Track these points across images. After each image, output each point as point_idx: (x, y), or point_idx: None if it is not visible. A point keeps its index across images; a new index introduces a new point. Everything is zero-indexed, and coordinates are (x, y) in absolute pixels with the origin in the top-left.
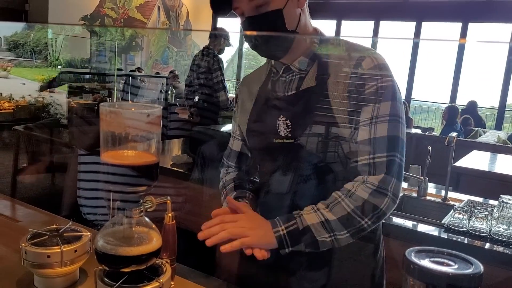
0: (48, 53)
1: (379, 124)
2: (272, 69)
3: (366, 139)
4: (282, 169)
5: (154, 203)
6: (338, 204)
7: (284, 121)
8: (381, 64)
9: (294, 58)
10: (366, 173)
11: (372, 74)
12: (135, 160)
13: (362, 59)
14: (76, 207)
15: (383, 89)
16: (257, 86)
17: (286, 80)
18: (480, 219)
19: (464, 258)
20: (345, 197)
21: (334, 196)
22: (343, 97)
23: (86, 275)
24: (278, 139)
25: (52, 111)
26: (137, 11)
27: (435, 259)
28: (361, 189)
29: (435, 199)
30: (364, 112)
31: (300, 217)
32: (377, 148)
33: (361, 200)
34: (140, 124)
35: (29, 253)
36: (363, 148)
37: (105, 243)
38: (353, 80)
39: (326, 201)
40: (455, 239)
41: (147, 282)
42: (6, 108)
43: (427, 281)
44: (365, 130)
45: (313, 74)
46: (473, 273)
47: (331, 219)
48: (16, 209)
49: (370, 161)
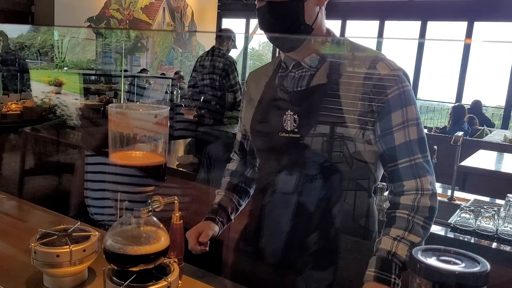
0: (54, 54)
1: (411, 128)
2: (282, 64)
3: (402, 142)
4: (285, 164)
5: (161, 203)
6: (413, 227)
7: (291, 115)
8: (398, 69)
9: (305, 54)
10: (410, 176)
11: (391, 80)
12: (142, 161)
13: (376, 62)
14: (84, 208)
15: (405, 94)
16: (264, 80)
17: (295, 76)
18: (486, 218)
19: (471, 256)
20: (414, 214)
21: (403, 217)
22: (355, 98)
23: (95, 275)
24: (283, 133)
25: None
26: (142, 12)
27: (442, 258)
28: (423, 200)
29: (442, 199)
30: (395, 116)
31: (394, 259)
32: (414, 150)
33: (426, 209)
34: (148, 125)
35: (39, 252)
36: (401, 151)
37: (113, 242)
38: (369, 83)
39: (397, 225)
40: (462, 239)
41: (155, 281)
42: (13, 109)
43: (434, 279)
44: (400, 134)
45: (324, 72)
46: (480, 272)
47: (416, 242)
48: (24, 210)
49: (412, 162)
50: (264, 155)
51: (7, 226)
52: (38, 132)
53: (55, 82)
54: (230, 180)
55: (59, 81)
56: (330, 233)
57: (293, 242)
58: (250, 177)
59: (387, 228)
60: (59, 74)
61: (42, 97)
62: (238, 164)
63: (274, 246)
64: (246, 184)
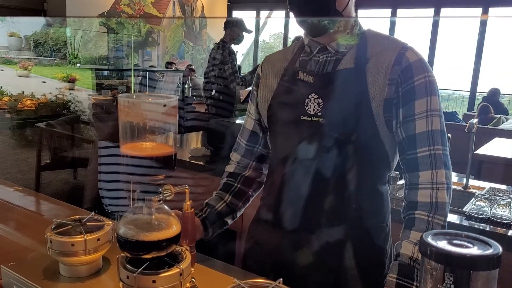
0: (67, 51)
1: (434, 118)
2: (305, 48)
3: (424, 131)
4: (305, 148)
5: (172, 192)
6: (434, 227)
7: (315, 99)
8: (424, 59)
9: (332, 39)
10: (428, 166)
11: (418, 67)
12: (152, 151)
13: (405, 50)
14: (98, 200)
15: (431, 84)
16: (283, 64)
17: (319, 60)
18: (502, 206)
19: (482, 240)
20: (434, 214)
21: (422, 218)
22: (383, 83)
23: (109, 263)
24: (305, 116)
25: (73, 108)
26: (152, 6)
27: (453, 242)
28: (440, 195)
29: (456, 187)
30: (419, 104)
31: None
32: (435, 140)
33: (444, 205)
34: (157, 115)
35: (54, 242)
36: (421, 139)
37: (126, 230)
38: (396, 69)
39: (416, 227)
40: (477, 227)
41: (168, 268)
42: (28, 105)
43: (445, 263)
44: (422, 122)
45: (351, 57)
46: (492, 254)
47: None
48: (40, 204)
49: (431, 152)
50: (282, 140)
51: (24, 219)
52: (53, 128)
53: (68, 78)
54: (226, 181)
55: (72, 77)
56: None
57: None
58: (250, 177)
59: (406, 231)
60: (72, 70)
61: (56, 93)
62: (236, 167)
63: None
64: (245, 185)
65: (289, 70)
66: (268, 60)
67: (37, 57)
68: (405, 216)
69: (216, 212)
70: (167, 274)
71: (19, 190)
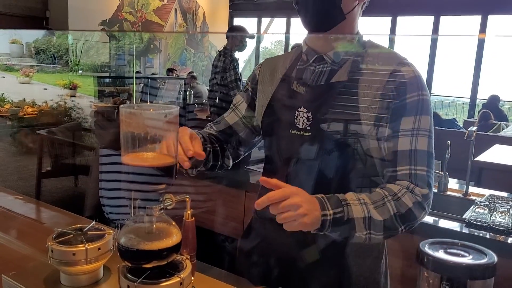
0: (69, 58)
1: (421, 137)
2: (302, 56)
3: (407, 149)
4: (294, 162)
5: (173, 201)
6: (384, 205)
7: (304, 112)
8: (421, 77)
9: (329, 48)
10: (407, 180)
11: (413, 84)
12: (153, 162)
13: (401, 65)
14: (99, 208)
15: (424, 102)
16: (280, 71)
17: (315, 70)
18: (501, 213)
19: (478, 249)
20: (391, 200)
21: (380, 193)
22: (375, 99)
23: (110, 273)
24: (295, 130)
25: (74, 115)
26: (154, 14)
27: (449, 251)
28: (408, 197)
29: (456, 194)
30: (405, 121)
31: (347, 207)
32: (419, 160)
33: (406, 207)
34: (158, 126)
35: (55, 251)
36: (403, 157)
37: (127, 239)
38: (390, 85)
39: (371, 195)
40: (477, 234)
41: (168, 278)
42: (30, 113)
43: (442, 272)
44: (406, 140)
45: (346, 69)
46: (488, 263)
47: (376, 219)
48: (41, 212)
49: (412, 171)
50: (274, 152)
51: (25, 227)
52: (54, 135)
53: (70, 85)
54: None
55: (73, 84)
56: None
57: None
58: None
59: (360, 193)
60: (74, 77)
61: (58, 100)
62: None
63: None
64: (221, 152)
65: (286, 79)
66: (268, 65)
67: (39, 64)
68: None
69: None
70: (168, 284)
71: (20, 198)
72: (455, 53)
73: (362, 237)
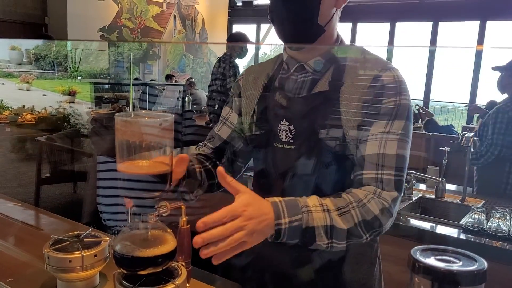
0: (68, 64)
1: (390, 141)
2: (283, 65)
3: (374, 153)
4: (280, 176)
5: (168, 208)
6: (349, 212)
7: (287, 125)
8: (402, 81)
9: (310, 56)
10: (373, 184)
11: (392, 89)
12: (149, 169)
13: (382, 72)
14: (97, 214)
15: (400, 106)
16: (263, 80)
17: (297, 80)
18: (498, 219)
19: (469, 255)
20: (356, 207)
21: (345, 200)
22: (356, 108)
23: (106, 279)
24: (279, 143)
25: (73, 121)
26: (153, 20)
27: (440, 257)
28: (374, 203)
29: (453, 200)
30: (376, 125)
31: (308, 214)
32: (386, 165)
33: (372, 214)
34: (153, 134)
35: (52, 258)
36: (370, 161)
37: (122, 246)
38: (370, 92)
39: (336, 201)
40: (474, 240)
41: (164, 284)
42: (29, 119)
43: (432, 278)
44: (374, 144)
45: (327, 78)
46: (478, 270)
47: (338, 227)
48: (40, 218)
49: (378, 176)
50: (261, 164)
51: (23, 234)
52: (53, 141)
53: (69, 91)
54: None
55: (72, 90)
56: None
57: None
58: None
59: (325, 198)
60: (73, 84)
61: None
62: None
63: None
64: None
65: (268, 89)
66: (250, 74)
67: (38, 70)
68: None
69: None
70: None
71: (19, 204)
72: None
73: (322, 246)
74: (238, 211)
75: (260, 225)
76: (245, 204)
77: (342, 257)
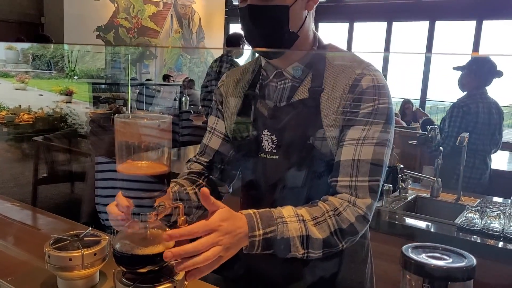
0: (64, 64)
1: (366, 146)
2: (262, 72)
3: (349, 159)
4: (266, 186)
5: (167, 207)
6: (325, 222)
7: (269, 135)
8: (381, 85)
9: (288, 63)
10: (347, 193)
11: (370, 94)
12: (147, 170)
13: (362, 76)
14: (95, 214)
15: (378, 111)
16: (243, 86)
17: (277, 87)
18: (492, 218)
19: (458, 252)
20: (332, 215)
21: (321, 209)
22: (336, 114)
23: (106, 277)
24: (262, 153)
25: (70, 121)
26: (150, 20)
27: (431, 254)
28: (350, 211)
29: (448, 199)
30: (353, 130)
31: (283, 225)
32: (361, 171)
33: (347, 222)
34: (151, 135)
35: (52, 257)
36: (345, 167)
37: (122, 245)
38: (348, 97)
39: (312, 210)
40: (468, 239)
41: (162, 282)
42: (26, 119)
43: (423, 275)
44: (349, 150)
45: (306, 85)
46: (467, 266)
47: (314, 237)
48: (38, 218)
49: (352, 183)
50: (247, 174)
51: (22, 233)
52: (50, 141)
53: (65, 91)
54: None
55: (69, 90)
56: None
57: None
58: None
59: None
60: (69, 84)
61: (53, 107)
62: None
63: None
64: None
65: (249, 97)
66: (230, 79)
67: (35, 70)
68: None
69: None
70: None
71: (17, 204)
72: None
73: (298, 256)
74: (214, 226)
75: (234, 238)
76: (220, 218)
77: (333, 255)
